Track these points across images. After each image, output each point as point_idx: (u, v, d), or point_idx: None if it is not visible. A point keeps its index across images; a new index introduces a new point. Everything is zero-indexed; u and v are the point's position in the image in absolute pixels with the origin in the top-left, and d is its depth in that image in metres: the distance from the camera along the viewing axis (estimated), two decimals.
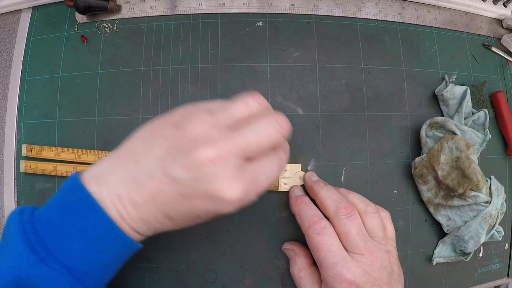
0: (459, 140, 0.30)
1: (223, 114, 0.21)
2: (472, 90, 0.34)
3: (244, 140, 0.20)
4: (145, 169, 0.20)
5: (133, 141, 0.22)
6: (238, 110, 0.21)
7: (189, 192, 0.19)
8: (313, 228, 0.25)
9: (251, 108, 0.21)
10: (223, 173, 0.19)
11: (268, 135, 0.21)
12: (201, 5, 0.34)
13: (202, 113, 0.21)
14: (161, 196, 0.20)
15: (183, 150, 0.20)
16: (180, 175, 0.19)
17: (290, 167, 0.31)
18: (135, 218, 0.20)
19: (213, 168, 0.19)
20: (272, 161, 0.22)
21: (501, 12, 0.38)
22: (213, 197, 0.19)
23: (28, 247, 0.19)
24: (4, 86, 0.35)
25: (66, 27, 0.34)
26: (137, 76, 0.33)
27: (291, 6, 0.34)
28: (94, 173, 0.21)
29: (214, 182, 0.19)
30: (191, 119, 0.21)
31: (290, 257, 0.30)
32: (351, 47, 0.34)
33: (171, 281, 0.31)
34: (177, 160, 0.19)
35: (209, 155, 0.19)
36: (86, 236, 0.20)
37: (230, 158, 0.19)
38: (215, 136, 0.20)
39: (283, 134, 0.21)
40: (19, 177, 0.33)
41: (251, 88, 0.33)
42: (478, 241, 0.31)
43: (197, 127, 0.20)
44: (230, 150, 0.19)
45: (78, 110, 0.33)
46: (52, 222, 0.20)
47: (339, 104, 0.33)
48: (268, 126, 0.21)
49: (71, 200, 0.20)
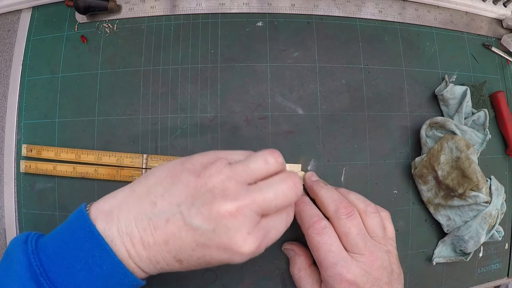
0: (459, 140, 0.30)
1: (242, 168, 0.22)
2: (472, 90, 0.34)
3: (263, 198, 0.21)
4: (162, 212, 0.20)
5: (150, 180, 0.22)
6: (257, 166, 0.22)
7: (205, 241, 0.20)
8: (313, 228, 0.25)
9: (269, 165, 0.22)
10: (241, 228, 0.20)
11: (284, 195, 0.22)
12: (201, 5, 0.34)
13: (221, 164, 0.22)
14: (176, 241, 0.20)
15: (203, 199, 0.20)
16: (199, 224, 0.20)
17: (290, 167, 0.31)
18: (144, 258, 0.21)
19: (232, 222, 0.20)
20: (282, 216, 0.23)
21: (501, 12, 0.38)
22: (228, 249, 0.20)
23: (33, 280, 0.19)
24: (4, 86, 0.35)
25: (66, 27, 0.34)
26: (137, 76, 0.33)
27: (291, 6, 0.34)
28: (105, 208, 0.21)
29: (232, 235, 0.20)
30: (210, 169, 0.21)
31: (290, 257, 0.30)
32: (351, 47, 0.34)
33: (171, 281, 0.31)
34: (197, 209, 0.20)
35: (230, 209, 0.20)
36: (91, 272, 0.20)
37: (248, 214, 0.20)
38: (234, 191, 0.20)
39: (298, 194, 0.22)
40: (19, 177, 0.33)
41: (251, 88, 0.33)
42: (478, 241, 0.31)
43: (216, 178, 0.21)
44: (249, 206, 0.20)
45: (78, 110, 0.33)
46: (57, 254, 0.20)
47: (339, 104, 0.33)
48: (285, 186, 0.22)
49: (78, 235, 0.20)
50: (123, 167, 0.31)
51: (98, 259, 0.20)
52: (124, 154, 0.31)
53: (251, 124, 0.32)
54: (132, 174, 0.31)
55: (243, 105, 0.33)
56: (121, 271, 0.20)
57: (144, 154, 0.31)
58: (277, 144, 0.32)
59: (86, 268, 0.20)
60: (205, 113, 0.32)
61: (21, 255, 0.20)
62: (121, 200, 0.21)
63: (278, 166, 0.23)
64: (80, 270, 0.20)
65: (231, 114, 0.32)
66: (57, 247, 0.20)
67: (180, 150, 0.32)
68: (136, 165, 0.31)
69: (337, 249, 0.25)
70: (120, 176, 0.31)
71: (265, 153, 0.23)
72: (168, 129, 0.32)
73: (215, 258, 0.21)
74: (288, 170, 0.24)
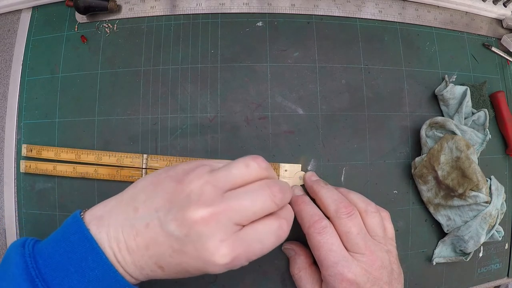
0: (459, 140, 0.30)
1: (222, 173, 0.21)
2: (472, 90, 0.34)
3: (238, 205, 0.20)
4: (142, 217, 0.21)
5: (136, 188, 0.22)
6: (238, 171, 0.21)
7: (180, 247, 0.20)
8: (313, 227, 0.25)
9: (250, 170, 0.22)
10: (213, 235, 0.19)
11: (262, 202, 0.21)
12: (201, 5, 0.34)
13: (202, 170, 0.21)
14: (155, 247, 0.20)
15: (180, 205, 0.20)
16: (173, 229, 0.20)
17: (290, 167, 0.31)
18: (129, 263, 0.21)
19: (205, 228, 0.19)
20: (269, 229, 0.21)
21: (501, 12, 0.38)
22: (201, 257, 0.20)
23: (28, 281, 0.19)
24: (4, 86, 0.35)
25: (66, 27, 0.34)
26: (137, 76, 0.33)
27: (291, 6, 0.34)
28: (97, 213, 0.22)
29: (204, 242, 0.19)
30: (191, 175, 0.21)
31: (290, 256, 0.30)
32: (351, 47, 0.34)
33: (171, 281, 0.31)
34: (172, 214, 0.20)
35: (203, 215, 0.19)
36: (84, 276, 0.20)
37: (223, 221, 0.19)
38: (210, 196, 0.20)
39: (276, 203, 0.21)
40: (19, 177, 0.33)
41: (251, 88, 0.33)
42: (478, 241, 0.31)
43: (194, 183, 0.20)
44: (224, 212, 0.20)
45: (78, 110, 0.33)
46: (52, 258, 0.21)
47: (339, 104, 0.33)
48: (263, 194, 0.21)
49: (72, 239, 0.21)
50: (123, 167, 0.31)
51: (90, 263, 0.20)
52: (124, 154, 0.31)
53: (251, 124, 0.32)
54: (132, 174, 0.31)
55: (243, 105, 0.33)
56: (112, 275, 0.20)
57: (144, 154, 0.31)
58: (277, 144, 0.32)
59: (80, 271, 0.20)
60: (205, 113, 0.32)
61: (18, 257, 0.20)
62: (111, 207, 0.22)
63: (260, 172, 0.22)
64: (74, 273, 0.20)
65: (231, 114, 0.32)
66: (53, 251, 0.21)
67: (180, 150, 0.32)
68: (136, 165, 0.31)
69: (338, 248, 0.25)
70: (120, 176, 0.31)
71: (248, 158, 0.22)
72: (168, 129, 0.32)
73: (192, 266, 0.21)
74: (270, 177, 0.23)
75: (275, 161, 0.32)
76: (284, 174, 0.31)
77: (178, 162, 0.31)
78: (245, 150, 0.32)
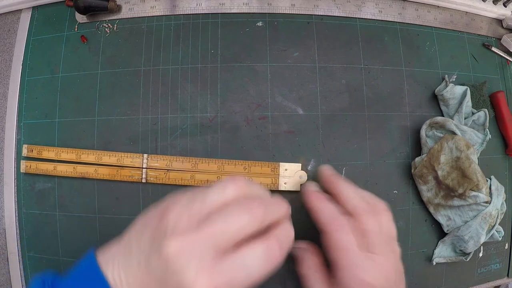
0: (459, 140, 0.30)
1: (198, 200, 0.20)
2: (472, 90, 0.34)
3: (213, 230, 0.19)
4: (135, 258, 0.21)
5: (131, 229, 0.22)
6: (214, 196, 0.20)
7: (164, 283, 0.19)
8: (332, 225, 0.24)
9: (226, 192, 0.20)
10: (188, 265, 0.18)
11: (238, 222, 0.19)
12: (201, 5, 0.34)
13: (182, 201, 0.21)
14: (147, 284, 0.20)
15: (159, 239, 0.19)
16: (155, 265, 0.19)
17: (290, 167, 0.31)
18: None
19: (179, 260, 0.18)
20: (256, 252, 0.19)
21: (501, 12, 0.38)
22: None
23: None
24: (4, 86, 0.35)
25: (66, 27, 0.34)
26: (137, 76, 0.33)
27: (291, 6, 0.34)
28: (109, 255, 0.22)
29: (182, 275, 0.18)
30: (170, 207, 0.20)
31: (298, 255, 0.29)
32: (351, 47, 0.34)
33: None
34: (154, 251, 0.19)
35: (174, 247, 0.18)
36: None
37: (198, 250, 0.18)
38: (184, 226, 0.19)
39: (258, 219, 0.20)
40: (19, 177, 0.33)
41: (251, 88, 0.33)
42: (478, 241, 0.31)
43: (170, 215, 0.20)
44: (198, 240, 0.18)
45: (78, 110, 0.33)
46: None
47: (339, 104, 0.33)
48: (237, 211, 0.19)
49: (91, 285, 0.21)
50: (123, 167, 0.31)
51: None
52: (124, 154, 0.31)
53: (251, 124, 0.32)
54: (132, 174, 0.31)
55: (243, 105, 0.33)
56: None
57: (144, 154, 0.31)
58: (277, 144, 0.32)
59: None
60: (205, 113, 0.32)
61: None
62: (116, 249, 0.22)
63: (239, 191, 0.21)
64: None
65: (231, 114, 0.32)
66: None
67: (180, 150, 0.32)
68: (136, 165, 0.31)
69: (355, 248, 0.24)
70: (120, 176, 0.31)
71: (225, 180, 0.21)
72: (168, 129, 0.32)
73: None
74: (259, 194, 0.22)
75: (275, 160, 0.32)
76: (284, 173, 0.31)
77: (177, 162, 0.31)
78: (245, 150, 0.32)
